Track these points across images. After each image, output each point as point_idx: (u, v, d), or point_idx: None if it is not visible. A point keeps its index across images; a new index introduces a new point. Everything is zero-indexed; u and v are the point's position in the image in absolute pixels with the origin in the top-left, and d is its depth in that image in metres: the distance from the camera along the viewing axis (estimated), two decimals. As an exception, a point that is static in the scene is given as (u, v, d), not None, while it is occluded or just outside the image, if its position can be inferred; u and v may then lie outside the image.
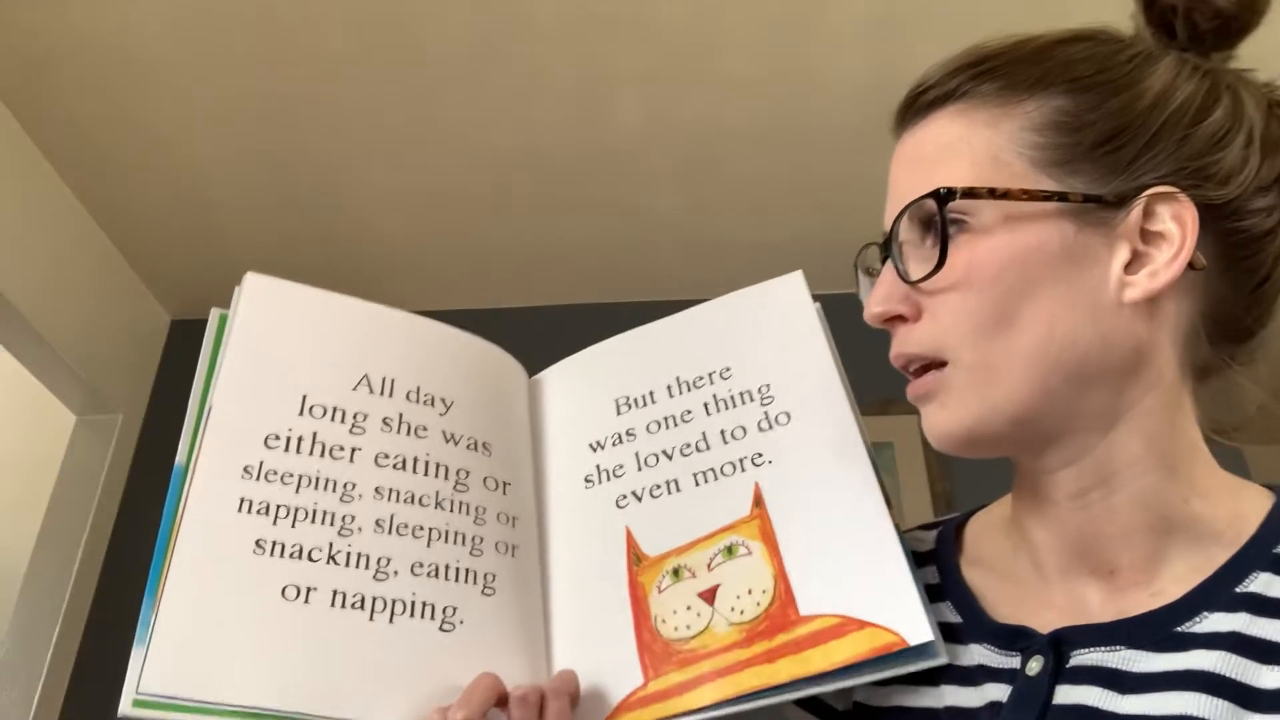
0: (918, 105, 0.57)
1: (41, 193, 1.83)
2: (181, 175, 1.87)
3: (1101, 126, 0.52)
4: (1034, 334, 0.51)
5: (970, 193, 0.52)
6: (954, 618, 0.58)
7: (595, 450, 0.70)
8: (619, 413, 0.70)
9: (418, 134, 1.79)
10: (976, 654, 0.56)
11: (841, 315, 0.74)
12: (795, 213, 1.97)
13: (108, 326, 2.03)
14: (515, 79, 1.68)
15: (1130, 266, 0.52)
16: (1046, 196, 0.51)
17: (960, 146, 0.54)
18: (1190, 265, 0.51)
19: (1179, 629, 0.50)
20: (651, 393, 0.70)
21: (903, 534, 0.59)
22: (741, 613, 0.59)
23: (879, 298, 0.55)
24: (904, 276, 0.54)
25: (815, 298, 0.71)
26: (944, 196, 0.52)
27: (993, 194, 0.52)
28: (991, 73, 0.55)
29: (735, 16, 1.57)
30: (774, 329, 0.70)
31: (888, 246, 0.56)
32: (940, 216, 0.52)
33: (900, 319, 0.55)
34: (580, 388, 0.74)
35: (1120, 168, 0.52)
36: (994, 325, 0.51)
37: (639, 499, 0.66)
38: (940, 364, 0.54)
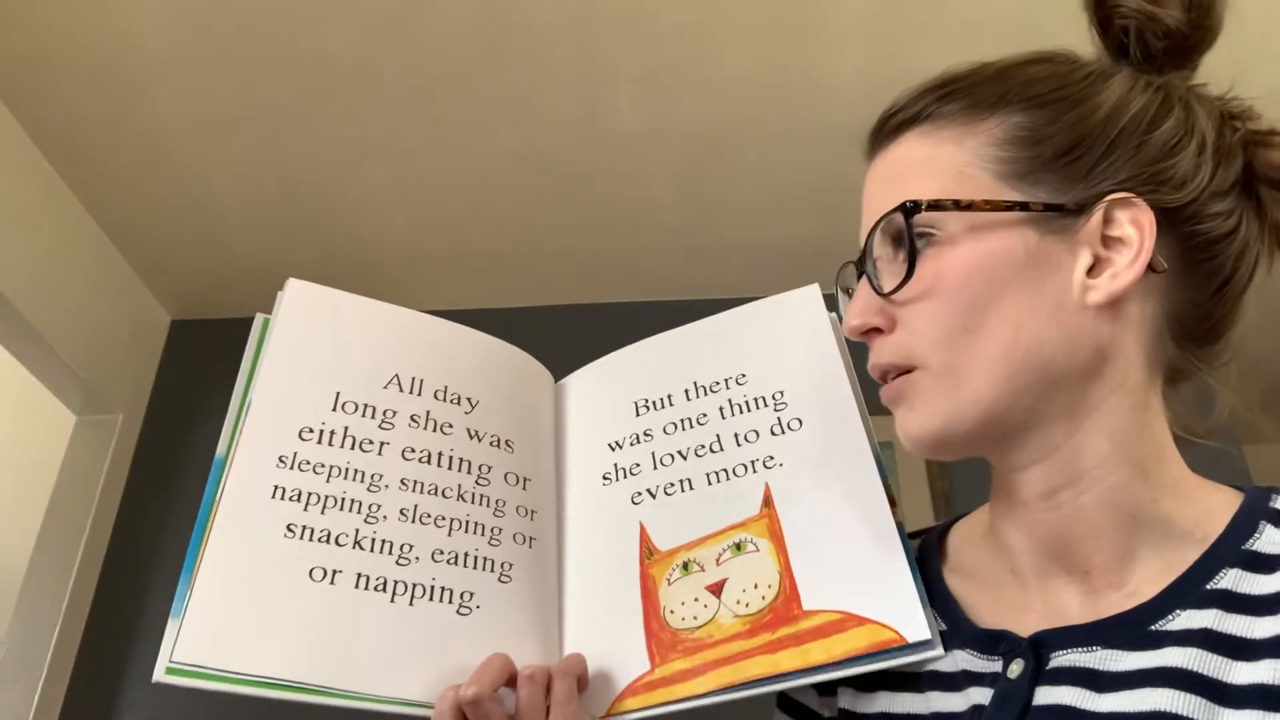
0: (887, 128, 0.60)
1: (41, 193, 1.83)
2: (181, 175, 1.87)
3: (1060, 139, 0.55)
4: (1000, 338, 0.53)
5: (935, 205, 0.54)
6: (938, 625, 0.60)
7: (614, 450, 0.72)
8: (638, 414, 0.73)
9: (417, 134, 1.79)
10: (960, 659, 0.57)
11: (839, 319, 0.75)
12: (795, 213, 1.97)
13: (108, 326, 2.03)
14: (515, 79, 1.68)
15: (1092, 271, 0.54)
16: (1009, 206, 0.54)
17: (927, 164, 0.57)
18: (1150, 268, 0.53)
19: (1153, 628, 0.51)
20: (669, 396, 0.73)
21: (906, 535, 0.61)
22: (747, 605, 0.61)
23: (855, 311, 0.58)
24: (877, 290, 0.57)
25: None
26: (910, 209, 0.54)
27: (957, 205, 0.54)
28: (955, 94, 0.57)
29: (735, 16, 1.57)
30: (790, 339, 0.72)
31: (863, 262, 0.58)
32: (907, 228, 0.54)
33: (877, 331, 0.57)
34: (602, 391, 0.77)
35: (1080, 177, 0.54)
36: (961, 331, 0.53)
37: (653, 496, 0.69)
38: (910, 370, 0.56)
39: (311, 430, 0.65)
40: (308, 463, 0.64)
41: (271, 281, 0.71)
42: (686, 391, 0.72)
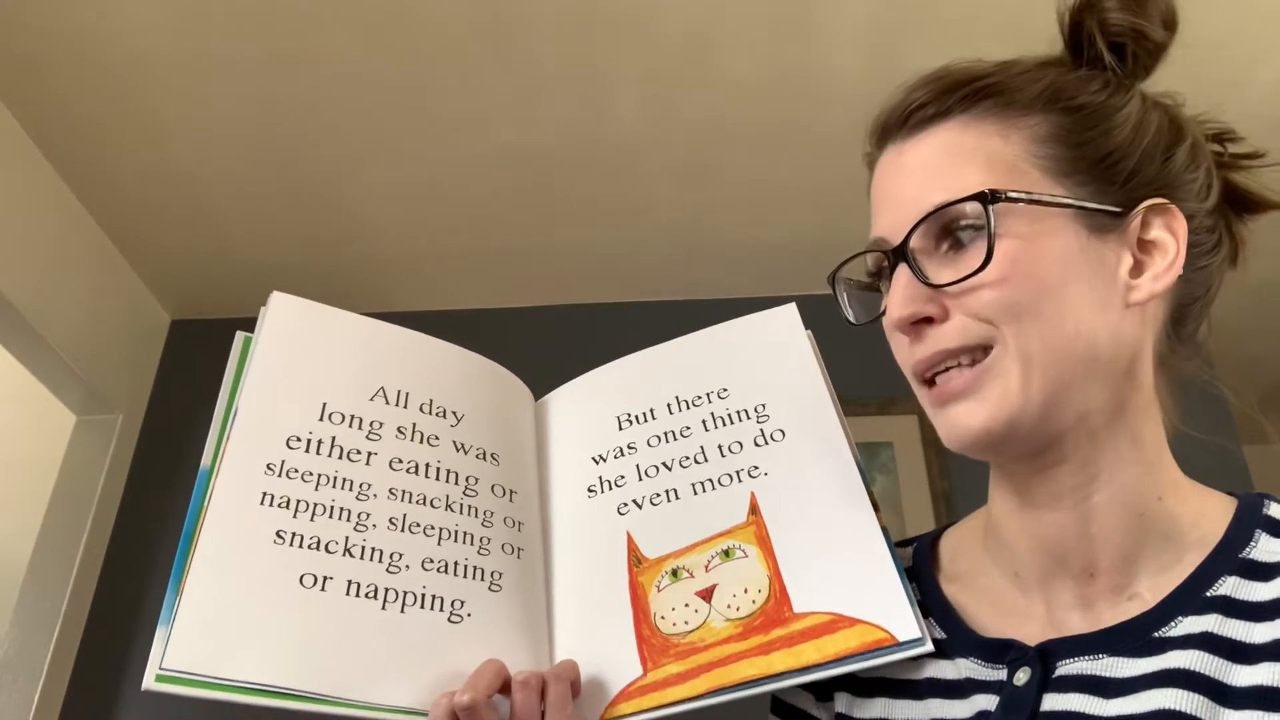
0: (913, 120, 0.59)
1: (41, 192, 1.83)
2: (182, 175, 1.87)
3: (1098, 144, 0.56)
4: (1063, 330, 0.53)
5: (1010, 196, 0.54)
6: (938, 633, 0.61)
7: (598, 463, 0.73)
8: (620, 428, 0.74)
9: (417, 133, 1.79)
10: (963, 668, 0.58)
11: (841, 316, 0.75)
12: (795, 213, 1.97)
13: (107, 326, 2.03)
14: (515, 78, 1.68)
15: (1131, 272, 0.55)
16: (1069, 204, 0.55)
17: (975, 155, 0.56)
18: None
19: (1156, 634, 0.53)
20: (652, 410, 0.74)
21: (890, 538, 0.62)
22: (738, 609, 0.62)
23: (903, 301, 0.56)
24: (927, 281, 0.55)
25: (815, 298, 0.74)
26: (990, 198, 0.53)
27: (1029, 197, 0.54)
28: (987, 90, 0.57)
29: (735, 17, 1.57)
30: (770, 355, 0.74)
31: (901, 254, 0.56)
32: (986, 216, 0.53)
33: (926, 321, 0.56)
34: (583, 406, 0.77)
35: (1118, 181, 0.56)
36: (1033, 315, 0.53)
37: (639, 506, 0.69)
38: (984, 350, 0.54)
39: (299, 439, 0.66)
40: (296, 470, 0.64)
41: (271, 281, 0.72)
42: (669, 405, 0.73)
